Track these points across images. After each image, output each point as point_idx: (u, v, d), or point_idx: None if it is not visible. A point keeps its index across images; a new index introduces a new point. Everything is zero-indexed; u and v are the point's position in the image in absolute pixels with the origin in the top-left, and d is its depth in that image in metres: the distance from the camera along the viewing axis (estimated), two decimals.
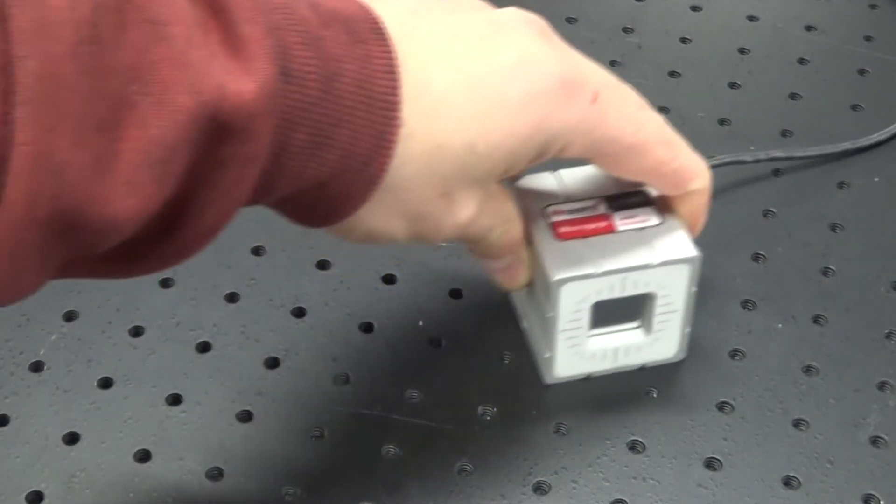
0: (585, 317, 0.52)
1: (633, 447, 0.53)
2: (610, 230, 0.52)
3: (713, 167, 0.63)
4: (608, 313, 0.53)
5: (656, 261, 0.51)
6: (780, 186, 0.65)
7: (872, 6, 0.76)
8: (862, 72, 0.72)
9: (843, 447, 0.53)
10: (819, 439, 0.53)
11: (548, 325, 0.52)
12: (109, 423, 0.53)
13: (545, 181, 0.54)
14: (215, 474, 0.52)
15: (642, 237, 0.52)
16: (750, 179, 0.65)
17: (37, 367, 0.56)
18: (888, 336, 0.58)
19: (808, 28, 0.75)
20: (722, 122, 0.68)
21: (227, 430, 0.53)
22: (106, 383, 0.55)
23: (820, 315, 0.58)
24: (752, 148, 0.66)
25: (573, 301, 0.51)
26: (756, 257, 0.61)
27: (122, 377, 0.55)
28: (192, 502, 0.51)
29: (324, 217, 0.46)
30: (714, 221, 0.60)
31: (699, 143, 0.67)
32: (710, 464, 0.52)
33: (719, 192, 0.64)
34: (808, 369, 0.56)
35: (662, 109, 0.69)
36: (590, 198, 0.53)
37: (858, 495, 0.51)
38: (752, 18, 0.75)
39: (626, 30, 0.74)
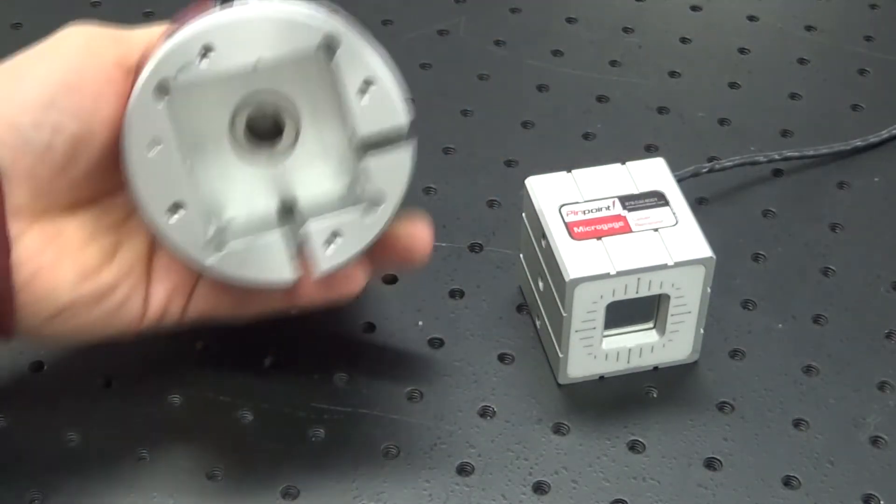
0: (599, 317, 0.52)
1: (633, 447, 0.53)
2: (625, 230, 0.52)
3: (724, 169, 0.63)
4: (622, 314, 0.53)
5: (671, 261, 0.51)
6: (780, 186, 0.65)
7: (872, 6, 0.76)
8: (862, 72, 0.72)
9: (843, 447, 0.53)
10: (819, 439, 0.53)
11: (562, 325, 0.52)
12: (109, 422, 0.53)
13: (560, 181, 0.54)
14: (215, 474, 0.52)
15: (657, 237, 0.52)
16: (750, 179, 0.65)
17: (37, 367, 0.55)
18: (888, 336, 0.58)
19: (808, 28, 0.75)
20: (722, 122, 0.68)
21: (226, 430, 0.53)
22: (106, 383, 0.55)
23: (820, 315, 0.58)
24: (752, 148, 0.66)
25: (588, 301, 0.51)
26: (756, 257, 0.61)
27: (121, 377, 0.55)
28: (192, 502, 0.51)
29: None
30: (714, 222, 0.60)
31: (699, 143, 0.67)
32: (710, 464, 0.52)
33: (720, 192, 0.64)
34: (808, 369, 0.56)
35: (662, 109, 0.69)
36: (605, 197, 0.53)
37: (858, 495, 0.51)
38: (752, 18, 0.75)
39: (626, 30, 0.74)
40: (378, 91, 0.49)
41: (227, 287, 0.52)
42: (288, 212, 0.52)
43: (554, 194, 0.54)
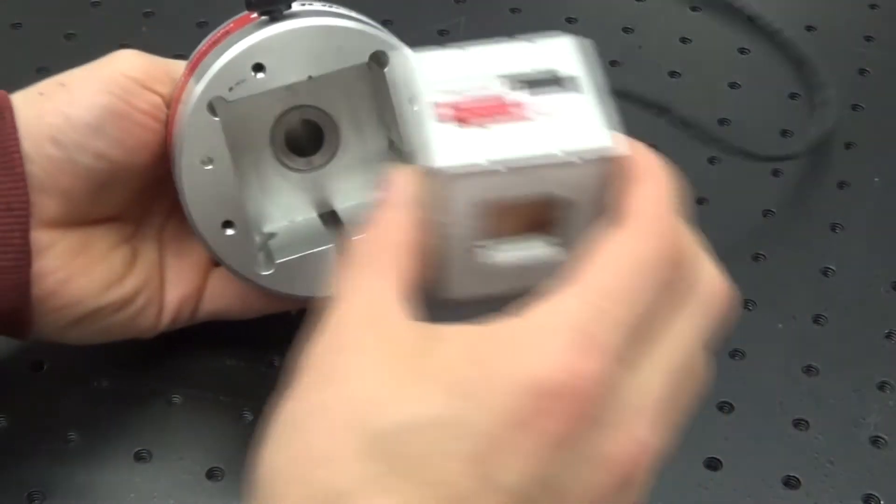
0: (480, 220, 0.40)
1: None
2: (514, 118, 0.40)
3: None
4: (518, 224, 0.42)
5: (568, 155, 0.39)
6: (780, 186, 0.65)
7: (872, 6, 0.76)
8: (862, 72, 0.72)
9: (843, 447, 0.53)
10: (819, 439, 0.53)
11: (432, 229, 0.40)
12: (109, 422, 0.53)
13: (432, 59, 0.42)
14: (216, 474, 0.52)
15: (554, 130, 0.40)
16: (750, 179, 0.65)
17: (37, 367, 0.55)
18: (888, 336, 0.58)
19: (808, 28, 0.75)
20: (722, 122, 0.68)
21: (227, 430, 0.53)
22: (106, 383, 0.55)
23: (820, 315, 0.58)
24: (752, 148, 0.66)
25: (463, 200, 0.40)
26: (756, 257, 0.61)
27: (122, 377, 0.55)
28: (192, 502, 0.51)
29: None
30: (714, 221, 0.60)
31: (699, 142, 0.67)
32: (710, 464, 0.52)
33: (720, 192, 0.64)
34: (808, 369, 0.56)
35: (662, 110, 0.69)
36: (489, 77, 0.41)
37: (858, 495, 0.51)
38: (751, 18, 0.75)
39: (626, 30, 0.74)
40: None
41: (234, 288, 0.53)
42: (328, 221, 0.52)
43: (422, 76, 0.42)
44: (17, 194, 0.47)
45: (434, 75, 0.42)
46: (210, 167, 0.48)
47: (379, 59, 0.48)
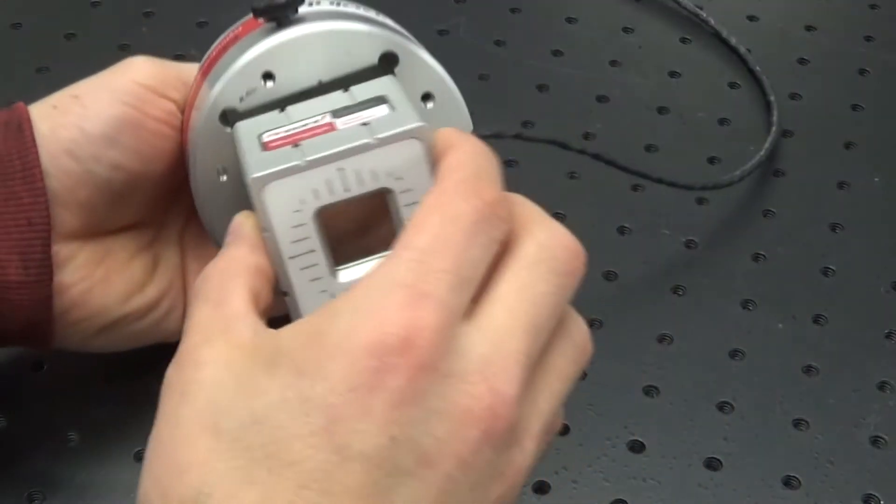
0: (313, 232, 0.41)
1: (633, 447, 0.53)
2: (329, 131, 0.42)
3: (531, 139, 0.57)
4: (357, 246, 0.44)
5: (374, 137, 0.41)
6: (780, 186, 0.65)
7: (872, 6, 0.76)
8: (862, 72, 0.72)
9: (843, 447, 0.53)
10: (819, 439, 0.53)
11: (270, 250, 0.41)
12: (109, 422, 0.53)
13: (266, 119, 0.45)
14: None
15: (364, 127, 0.42)
16: (750, 179, 0.65)
17: (37, 366, 0.55)
18: (888, 336, 0.58)
19: (808, 28, 0.75)
20: (722, 122, 0.68)
21: None
22: (106, 383, 0.55)
23: (820, 315, 0.58)
24: (751, 148, 0.66)
25: (287, 209, 0.40)
26: (756, 257, 0.61)
27: (122, 377, 0.55)
28: None
29: None
30: (714, 221, 0.60)
31: (699, 143, 0.67)
32: (710, 464, 0.52)
33: (720, 192, 0.64)
34: (808, 369, 0.56)
35: (662, 109, 0.69)
36: (315, 115, 0.44)
37: (858, 495, 0.51)
38: (752, 18, 0.75)
39: (626, 30, 0.74)
40: (440, 102, 0.49)
41: None
42: None
43: (257, 130, 0.44)
44: (38, 209, 0.47)
45: (258, 129, 0.44)
46: (225, 177, 0.47)
47: (389, 60, 0.48)
